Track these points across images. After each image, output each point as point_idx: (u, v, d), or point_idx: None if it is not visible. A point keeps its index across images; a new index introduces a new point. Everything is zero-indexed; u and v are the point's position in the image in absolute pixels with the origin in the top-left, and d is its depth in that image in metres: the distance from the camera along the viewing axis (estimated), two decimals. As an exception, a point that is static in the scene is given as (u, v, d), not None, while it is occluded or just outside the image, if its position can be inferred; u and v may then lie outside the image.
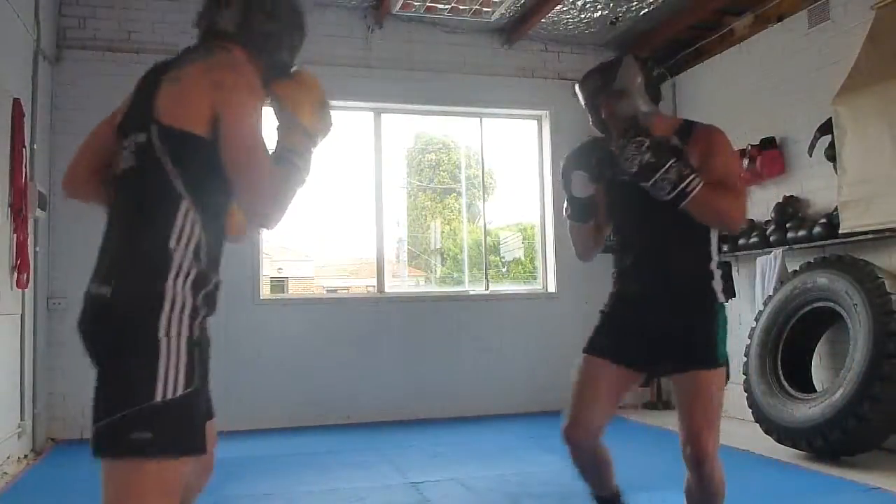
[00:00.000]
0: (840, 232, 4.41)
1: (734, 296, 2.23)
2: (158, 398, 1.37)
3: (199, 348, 1.45)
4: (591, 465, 2.32)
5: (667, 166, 1.97)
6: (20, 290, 4.39)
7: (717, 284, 2.18)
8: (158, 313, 1.39)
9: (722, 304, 2.19)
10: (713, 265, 2.18)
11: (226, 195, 1.54)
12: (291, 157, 1.59)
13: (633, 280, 2.23)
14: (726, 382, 2.20)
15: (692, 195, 1.98)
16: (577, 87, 2.35)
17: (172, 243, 1.43)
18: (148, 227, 1.45)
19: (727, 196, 2.05)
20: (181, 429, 1.40)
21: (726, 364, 2.18)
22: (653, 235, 2.18)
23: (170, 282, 1.42)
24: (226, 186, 1.50)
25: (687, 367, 2.13)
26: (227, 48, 1.61)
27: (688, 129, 2.20)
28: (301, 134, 1.63)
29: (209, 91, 1.46)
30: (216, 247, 1.55)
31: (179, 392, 1.39)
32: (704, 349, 2.14)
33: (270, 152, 1.55)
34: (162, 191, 1.45)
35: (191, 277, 1.45)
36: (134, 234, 1.47)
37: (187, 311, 1.43)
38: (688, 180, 1.98)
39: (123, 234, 1.49)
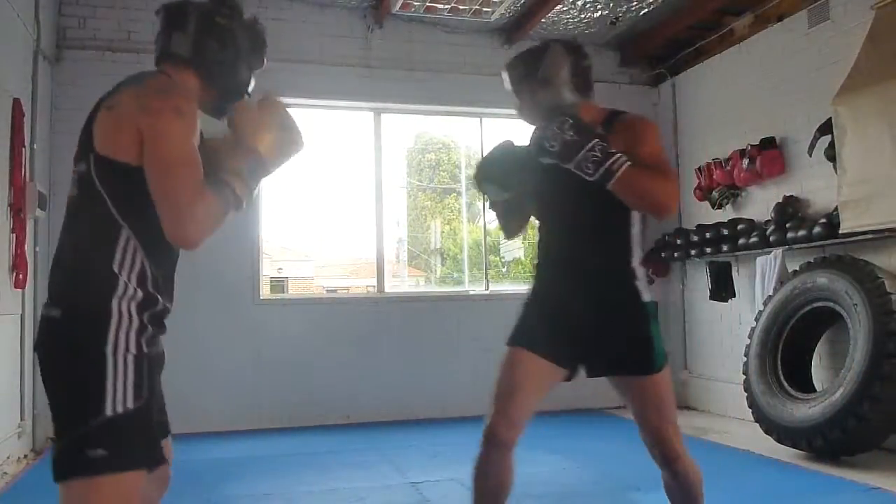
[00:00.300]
0: (840, 232, 4.41)
1: (734, 295, 2.20)
2: (108, 413, 1.38)
3: (147, 364, 1.47)
4: (501, 474, 2.11)
5: (590, 145, 1.89)
6: (19, 290, 4.39)
7: (642, 282, 2.11)
8: (105, 331, 1.42)
9: (652, 301, 2.12)
10: (636, 262, 2.12)
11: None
12: (231, 181, 1.55)
13: (557, 273, 2.15)
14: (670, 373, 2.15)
15: (619, 174, 1.89)
16: (503, 72, 2.22)
17: (116, 268, 1.46)
18: (93, 254, 1.47)
19: (657, 177, 1.96)
20: (134, 442, 1.41)
21: (667, 358, 2.12)
22: (577, 229, 2.11)
23: (114, 302, 1.44)
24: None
25: (630, 372, 2.08)
26: (172, 73, 1.62)
27: (614, 118, 2.14)
28: (250, 158, 1.60)
29: (137, 117, 1.45)
30: (163, 271, 1.56)
31: (130, 406, 1.40)
32: (644, 353, 2.06)
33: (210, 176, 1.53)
34: (102, 220, 1.47)
35: (136, 300, 1.47)
36: (81, 260, 1.49)
37: (134, 328, 1.45)
38: (613, 158, 1.89)
39: (71, 259, 1.51)
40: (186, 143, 1.48)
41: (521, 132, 2.28)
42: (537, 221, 2.29)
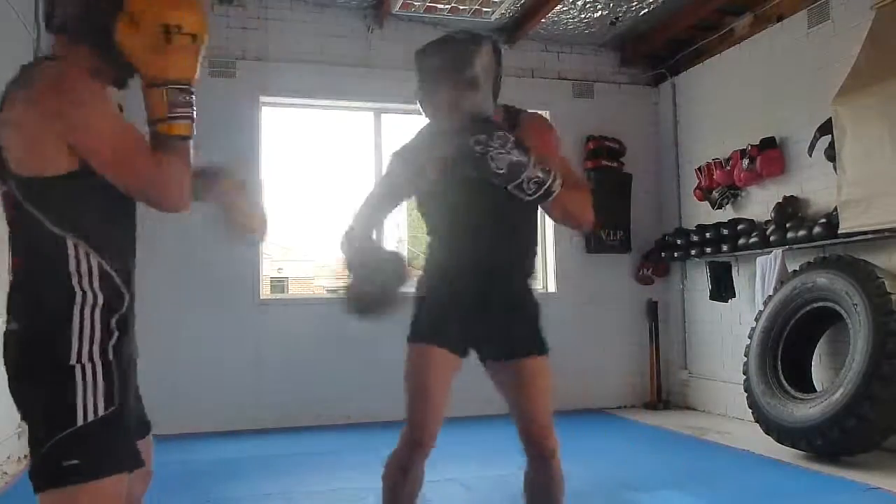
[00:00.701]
0: (839, 232, 4.41)
1: (734, 295, 2.20)
2: (80, 422, 1.37)
3: (117, 369, 1.44)
4: (415, 485, 2.15)
5: (532, 166, 1.81)
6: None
7: (533, 279, 2.16)
8: (69, 342, 1.39)
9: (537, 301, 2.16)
10: (532, 260, 2.16)
11: (110, 217, 1.49)
12: (167, 129, 1.44)
13: (461, 267, 2.10)
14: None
15: (555, 194, 1.86)
16: (416, 55, 2.04)
17: (74, 281, 1.42)
18: (46, 268, 1.43)
19: (581, 196, 1.99)
20: (109, 448, 1.40)
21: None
22: (485, 229, 2.06)
23: (76, 312, 1.41)
24: (106, 208, 1.46)
25: (518, 352, 2.08)
26: (60, 49, 1.48)
27: (514, 117, 2.08)
28: (168, 95, 1.43)
29: (48, 126, 1.35)
30: (122, 257, 1.52)
31: (101, 412, 1.39)
32: (533, 337, 2.10)
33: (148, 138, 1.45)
34: (44, 239, 1.41)
35: (98, 306, 1.44)
36: (36, 275, 1.45)
37: (98, 335, 1.42)
38: (552, 179, 1.84)
39: (26, 274, 1.47)
40: (114, 124, 1.41)
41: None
42: (428, 216, 2.20)
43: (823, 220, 4.60)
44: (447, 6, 5.74)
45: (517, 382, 2.11)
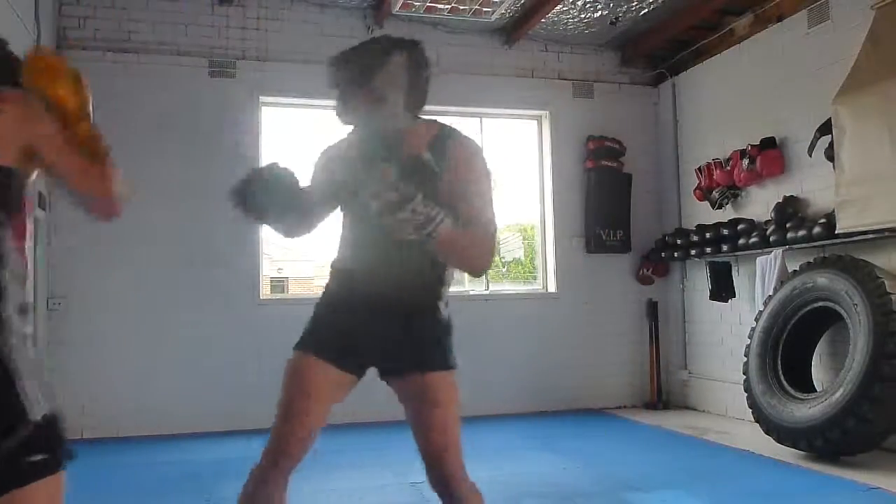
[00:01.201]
0: (836, 232, 4.41)
1: (734, 295, 2.16)
2: (37, 417, 1.38)
3: (40, 365, 1.47)
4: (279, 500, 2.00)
5: (412, 207, 1.70)
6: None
7: (445, 291, 2.01)
8: (8, 341, 1.40)
9: (448, 317, 2.01)
10: (445, 290, 2.01)
11: None
12: (76, 138, 1.52)
13: (362, 277, 1.98)
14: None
15: (437, 238, 1.74)
16: (328, 63, 1.97)
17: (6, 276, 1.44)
18: None
19: (475, 242, 1.85)
20: (64, 440, 1.45)
21: (454, 368, 1.99)
22: (380, 239, 1.88)
23: (8, 310, 1.43)
24: None
25: (418, 367, 1.93)
26: None
27: (443, 141, 1.95)
28: (62, 112, 1.53)
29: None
30: (19, 268, 1.53)
31: (46, 408, 1.41)
32: (436, 351, 1.95)
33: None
34: None
35: (14, 301, 1.45)
36: None
37: (21, 333, 1.44)
38: (434, 223, 1.72)
39: None
40: (33, 125, 1.45)
41: (520, 132, 2.23)
42: (344, 219, 2.10)
43: (823, 220, 4.60)
44: (447, 6, 5.73)
45: (414, 402, 1.97)
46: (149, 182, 5.34)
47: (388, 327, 1.93)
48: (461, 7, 5.73)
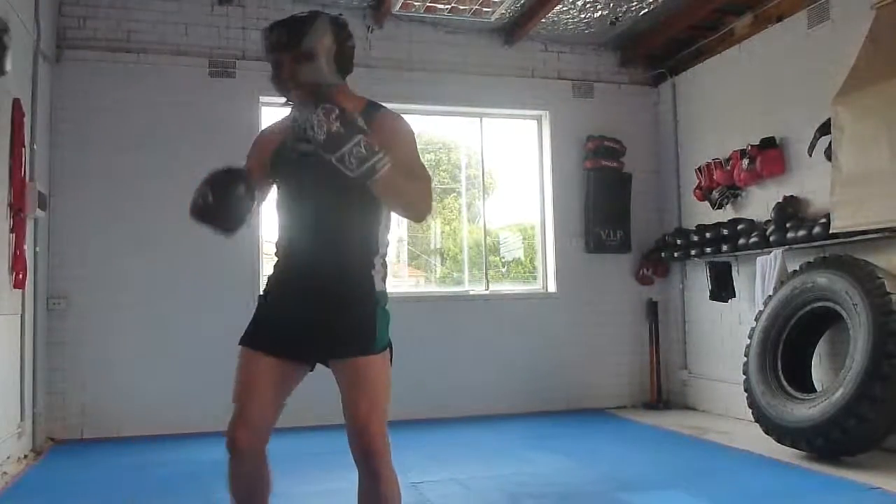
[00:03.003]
0: (830, 231, 4.41)
1: (734, 295, 2.16)
2: None
3: None
4: (252, 484, 2.15)
5: (356, 139, 1.78)
6: (18, 290, 4.39)
7: (379, 273, 2.08)
8: None
9: (383, 292, 2.08)
10: (378, 258, 2.08)
11: None
12: None
13: (297, 265, 2.07)
14: (391, 362, 2.11)
15: (381, 173, 1.80)
16: (261, 34, 2.09)
17: None
18: None
19: (416, 183, 1.96)
20: None
21: (389, 349, 2.08)
22: (323, 223, 2.02)
23: None
24: None
25: (346, 353, 2.01)
26: None
27: (373, 111, 2.07)
28: None
29: None
30: None
31: None
32: (363, 337, 2.01)
33: None
34: None
35: None
36: None
37: None
38: (377, 157, 1.79)
39: None
40: None
41: (520, 132, 2.24)
42: (280, 210, 2.15)
43: (823, 220, 4.60)
44: (447, 6, 5.74)
45: (344, 384, 2.05)
46: (148, 182, 5.35)
47: (319, 312, 2.01)
48: (461, 7, 5.73)
